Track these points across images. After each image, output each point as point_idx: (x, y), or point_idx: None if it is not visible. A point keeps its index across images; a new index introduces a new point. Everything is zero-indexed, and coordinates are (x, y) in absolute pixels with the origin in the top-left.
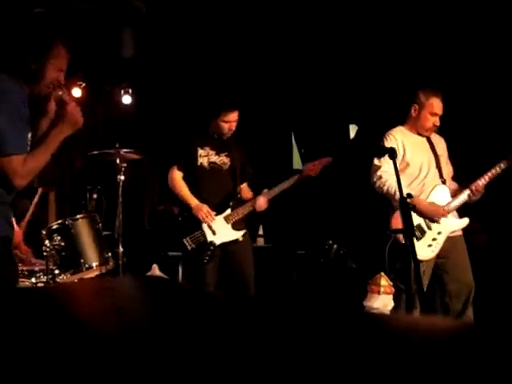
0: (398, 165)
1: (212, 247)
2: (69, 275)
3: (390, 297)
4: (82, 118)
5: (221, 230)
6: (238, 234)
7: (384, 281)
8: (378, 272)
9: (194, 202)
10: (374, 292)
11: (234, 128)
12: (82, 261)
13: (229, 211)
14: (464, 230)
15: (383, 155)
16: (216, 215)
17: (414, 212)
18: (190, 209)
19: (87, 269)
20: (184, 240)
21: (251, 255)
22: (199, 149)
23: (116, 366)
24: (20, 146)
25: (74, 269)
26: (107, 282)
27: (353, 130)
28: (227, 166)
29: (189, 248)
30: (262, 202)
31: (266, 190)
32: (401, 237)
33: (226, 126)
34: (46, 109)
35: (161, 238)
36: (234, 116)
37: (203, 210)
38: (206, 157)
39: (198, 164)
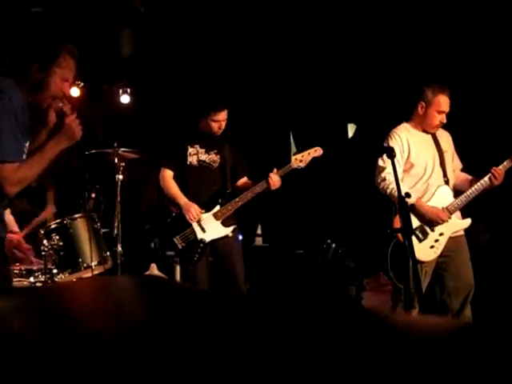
0: (402, 165)
1: (202, 244)
2: (67, 274)
3: (388, 296)
4: (81, 131)
5: (210, 227)
6: (228, 230)
7: (382, 280)
8: (376, 271)
9: (182, 200)
10: (372, 291)
11: (223, 127)
12: (80, 260)
13: (218, 208)
14: (466, 229)
15: (382, 154)
16: (205, 212)
17: (412, 212)
18: (179, 207)
19: (85, 268)
20: (174, 239)
21: (240, 250)
22: (189, 147)
23: (114, 365)
24: (14, 154)
25: (73, 268)
26: (105, 282)
27: (351, 129)
28: (217, 164)
29: (179, 247)
30: (275, 180)
31: (275, 170)
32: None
33: (215, 125)
34: (46, 120)
35: (159, 237)
36: (223, 115)
37: (191, 209)
38: (195, 155)
39: (188, 163)
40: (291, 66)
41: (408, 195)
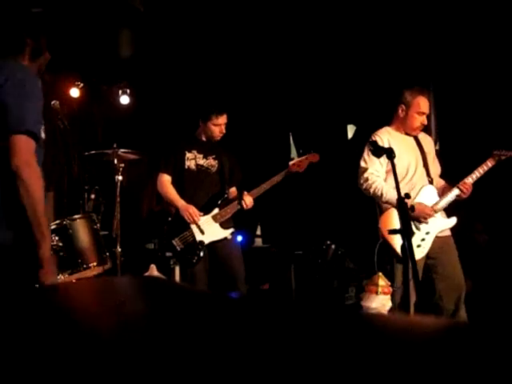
0: (384, 165)
1: (201, 246)
2: (67, 275)
3: (388, 297)
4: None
5: (209, 230)
6: (227, 233)
7: (382, 281)
8: (375, 272)
9: (180, 202)
10: (371, 292)
11: (224, 131)
12: (79, 261)
13: (216, 210)
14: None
15: (381, 155)
16: (204, 215)
17: (412, 213)
18: (178, 210)
19: (85, 269)
20: (173, 241)
21: (239, 252)
22: (187, 152)
23: (114, 366)
24: (35, 131)
25: (72, 269)
26: (105, 283)
27: (351, 130)
28: (215, 169)
29: (178, 249)
30: (247, 201)
31: (245, 192)
32: (390, 238)
33: (216, 129)
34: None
35: (158, 239)
36: (223, 119)
37: (189, 209)
38: (193, 160)
39: (186, 167)
40: (290, 69)
41: (407, 196)
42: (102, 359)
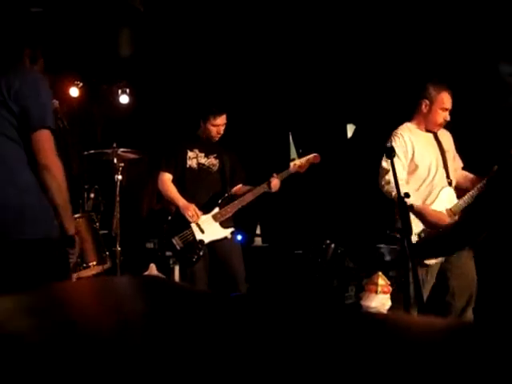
0: (406, 167)
1: (201, 245)
2: None
3: (388, 296)
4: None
5: (209, 229)
6: (227, 232)
7: (381, 280)
8: (375, 271)
9: (181, 201)
10: (371, 291)
11: (222, 131)
12: (79, 260)
13: (217, 210)
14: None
15: (382, 155)
16: (204, 214)
17: (411, 212)
18: (178, 209)
19: (85, 268)
20: (173, 240)
21: (239, 251)
22: (188, 151)
23: (113, 365)
24: (52, 123)
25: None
26: (104, 282)
27: (350, 130)
28: (216, 168)
29: (177, 247)
30: (276, 183)
31: (275, 174)
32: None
33: (214, 129)
34: None
35: (158, 237)
36: (221, 119)
37: (190, 208)
38: (194, 158)
39: (187, 166)
40: (291, 68)
41: (407, 195)
42: (102, 358)
